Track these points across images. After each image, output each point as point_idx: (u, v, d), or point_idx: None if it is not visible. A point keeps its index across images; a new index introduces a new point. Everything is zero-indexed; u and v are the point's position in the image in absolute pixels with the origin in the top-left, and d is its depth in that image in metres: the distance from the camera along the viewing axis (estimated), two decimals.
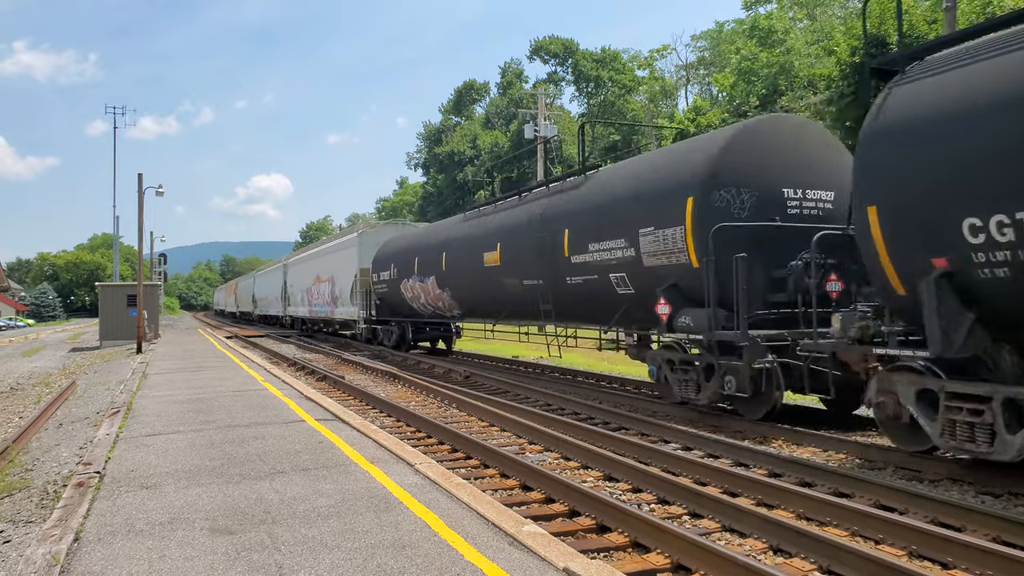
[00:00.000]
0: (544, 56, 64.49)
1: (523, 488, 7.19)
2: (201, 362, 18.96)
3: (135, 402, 11.33)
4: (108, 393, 14.17)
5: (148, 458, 7.29)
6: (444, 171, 62.65)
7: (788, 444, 8.86)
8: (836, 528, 5.77)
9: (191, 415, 9.93)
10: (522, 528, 4.92)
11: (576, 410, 11.78)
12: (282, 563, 4.37)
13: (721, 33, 56.27)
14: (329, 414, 9.84)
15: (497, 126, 62.74)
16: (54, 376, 20.88)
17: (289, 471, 6.61)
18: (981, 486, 6.86)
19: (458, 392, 13.21)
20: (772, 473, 7.53)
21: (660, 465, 7.84)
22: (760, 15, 43.43)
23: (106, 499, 5.81)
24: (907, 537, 5.34)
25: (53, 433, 10.68)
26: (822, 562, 5.00)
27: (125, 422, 9.47)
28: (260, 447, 7.70)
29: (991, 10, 23.01)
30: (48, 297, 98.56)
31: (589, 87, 62.69)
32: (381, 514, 5.28)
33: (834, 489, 6.83)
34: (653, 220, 10.83)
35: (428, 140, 68.70)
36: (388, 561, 4.37)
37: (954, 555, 5.02)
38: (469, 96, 70.14)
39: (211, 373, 15.80)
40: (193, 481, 6.32)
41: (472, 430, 10.29)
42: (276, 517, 5.26)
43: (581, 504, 6.30)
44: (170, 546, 4.70)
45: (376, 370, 18.14)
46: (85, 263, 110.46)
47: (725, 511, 6.00)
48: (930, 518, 5.89)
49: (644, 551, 5.40)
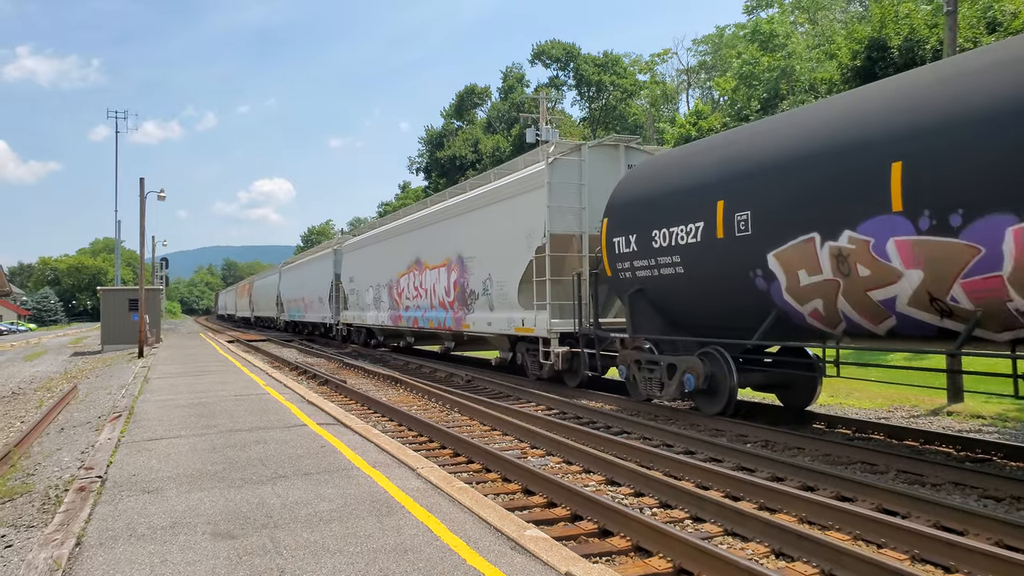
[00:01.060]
0: (546, 60, 64.56)
1: (525, 492, 7.18)
2: (203, 366, 18.97)
3: (137, 406, 11.34)
4: (110, 397, 14.18)
5: (150, 462, 7.29)
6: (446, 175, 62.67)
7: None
8: (838, 532, 5.76)
9: (193, 419, 9.93)
10: (524, 532, 4.92)
11: (578, 414, 11.77)
12: (284, 567, 4.37)
13: (722, 38, 56.36)
14: (331, 418, 9.84)
15: (499, 130, 62.78)
16: (56, 380, 20.90)
17: (291, 475, 6.62)
18: (984, 490, 6.85)
19: (460, 396, 13.21)
20: (774, 477, 7.52)
21: (662, 469, 7.84)
22: (761, 19, 43.51)
23: (108, 503, 5.81)
24: (909, 541, 5.33)
25: (55, 437, 10.69)
26: (824, 566, 4.99)
27: (127, 426, 9.48)
28: (262, 451, 7.70)
29: (991, 14, 23.03)
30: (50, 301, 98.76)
31: (591, 91, 62.76)
32: (383, 518, 5.28)
33: (836, 493, 6.82)
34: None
35: (430, 144, 68.76)
36: (390, 565, 4.37)
37: (956, 559, 5.01)
38: (471, 100, 70.22)
39: (213, 377, 15.80)
40: (195, 485, 6.32)
41: (474, 434, 10.28)
42: (278, 521, 5.26)
43: (583, 508, 6.30)
44: (172, 550, 4.70)
45: (377, 374, 18.13)
46: (87, 267, 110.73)
47: (727, 515, 5.99)
48: (932, 522, 5.88)
49: (646, 555, 5.39)
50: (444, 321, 18.97)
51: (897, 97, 7.78)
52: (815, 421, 10.69)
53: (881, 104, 7.93)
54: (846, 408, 12.29)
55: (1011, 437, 9.77)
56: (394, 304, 23.17)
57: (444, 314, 18.99)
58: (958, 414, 11.43)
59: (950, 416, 11.40)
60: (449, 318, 18.63)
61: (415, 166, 72.28)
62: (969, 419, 11.11)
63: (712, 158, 10.28)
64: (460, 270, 18.00)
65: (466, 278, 17.65)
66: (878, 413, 11.85)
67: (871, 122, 7.81)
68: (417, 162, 71.66)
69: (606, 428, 10.61)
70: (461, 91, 70.14)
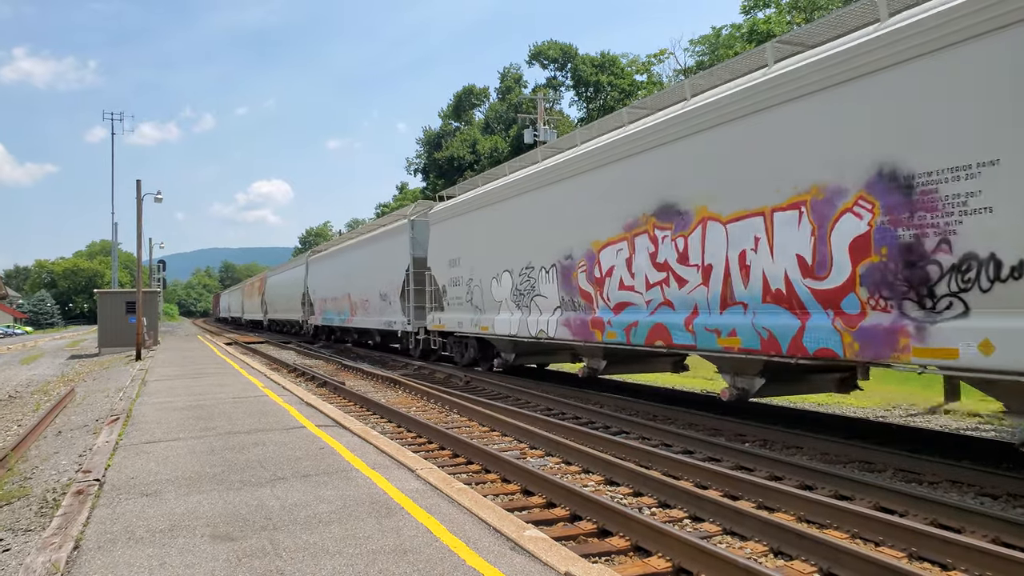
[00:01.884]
0: (543, 61, 64.61)
1: (524, 493, 7.19)
2: (201, 368, 18.95)
3: (134, 409, 11.32)
4: (107, 400, 14.16)
5: (148, 465, 7.28)
6: (444, 176, 62.64)
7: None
8: (836, 530, 5.78)
9: (191, 422, 9.92)
10: (524, 533, 4.93)
11: (577, 414, 11.78)
12: (283, 569, 4.37)
13: (719, 38, 56.40)
14: (330, 420, 9.84)
15: (497, 131, 62.79)
16: (53, 383, 20.86)
17: (290, 477, 6.61)
18: (980, 487, 6.88)
19: (459, 397, 13.21)
20: (773, 476, 7.53)
21: (661, 469, 7.85)
22: (758, 19, 43.56)
23: (106, 507, 5.80)
24: (907, 539, 5.34)
25: (52, 441, 10.67)
26: (822, 564, 5.01)
27: (124, 429, 9.47)
28: (261, 453, 7.70)
29: None
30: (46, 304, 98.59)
31: (588, 91, 62.81)
32: (382, 520, 5.28)
33: (834, 491, 6.84)
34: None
35: (428, 145, 68.73)
36: (390, 567, 4.37)
37: (954, 556, 5.03)
38: (469, 101, 70.21)
39: (211, 380, 15.79)
40: (194, 488, 6.32)
41: (473, 435, 10.29)
42: (277, 523, 5.25)
43: (582, 508, 6.30)
44: (171, 553, 4.70)
45: (376, 376, 18.12)
46: (83, 270, 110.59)
47: (726, 514, 6.00)
48: (929, 520, 5.90)
49: (645, 555, 5.40)
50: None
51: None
52: (814, 420, 10.70)
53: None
54: (844, 407, 12.33)
55: (1008, 435, 9.80)
56: (526, 303, 14.87)
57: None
58: (955, 412, 11.46)
59: (947, 415, 11.43)
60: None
61: (413, 167, 72.24)
62: (966, 417, 11.14)
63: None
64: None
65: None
66: (876, 412, 11.88)
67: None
68: (415, 163, 71.62)
69: (605, 428, 10.61)
70: (459, 92, 70.12)
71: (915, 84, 7.10)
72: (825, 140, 8.03)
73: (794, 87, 8.45)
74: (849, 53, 7.78)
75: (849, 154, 7.76)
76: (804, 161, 8.32)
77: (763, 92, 8.90)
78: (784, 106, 8.62)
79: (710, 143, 9.74)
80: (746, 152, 9.13)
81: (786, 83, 8.57)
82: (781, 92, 8.65)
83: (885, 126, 7.39)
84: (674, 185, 10.43)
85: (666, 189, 10.57)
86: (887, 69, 7.37)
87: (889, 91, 7.35)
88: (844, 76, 7.82)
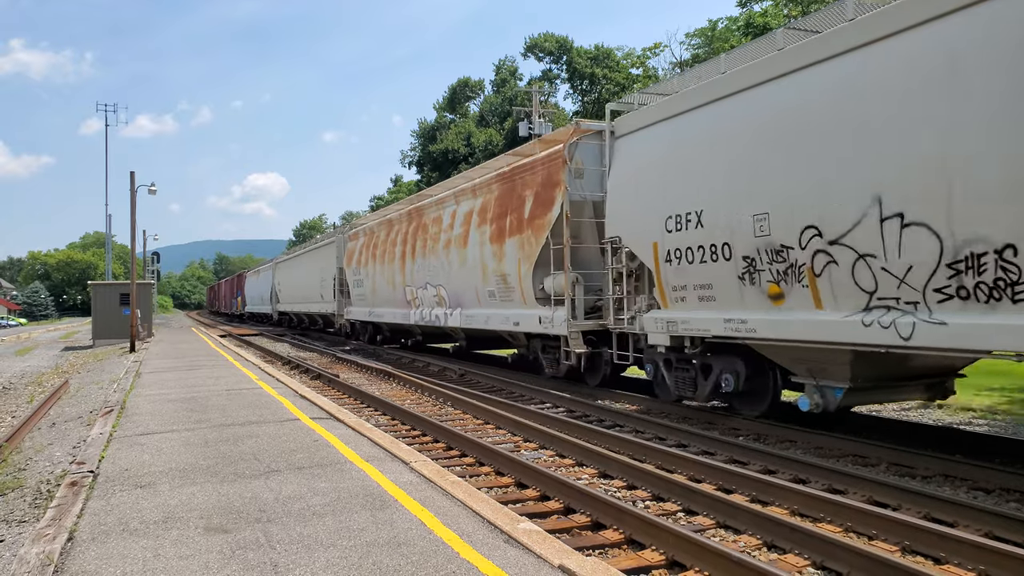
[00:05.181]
0: (538, 54, 64.41)
1: (518, 486, 7.20)
2: (195, 361, 18.91)
3: (129, 401, 11.29)
4: (101, 392, 14.12)
5: (142, 457, 7.26)
6: (438, 169, 62.50)
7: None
8: (830, 524, 5.80)
9: (185, 414, 9.90)
10: (517, 526, 4.93)
11: (571, 407, 11.79)
12: (277, 561, 4.36)
13: (715, 31, 56.28)
14: (324, 412, 9.83)
15: (492, 124, 62.67)
16: (47, 375, 20.80)
17: (284, 470, 6.61)
18: (974, 482, 6.91)
19: (453, 390, 13.20)
20: (766, 470, 7.55)
21: (654, 462, 7.86)
22: (754, 12, 43.48)
23: (100, 498, 5.79)
24: (900, 532, 5.37)
25: (46, 432, 10.64)
26: (816, 558, 5.03)
27: (119, 421, 9.44)
28: (255, 446, 7.68)
29: None
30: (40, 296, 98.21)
31: (583, 84, 62.67)
32: (376, 512, 5.28)
33: (828, 485, 6.86)
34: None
35: (423, 137, 68.53)
36: (383, 559, 4.37)
37: (947, 550, 5.06)
38: (464, 93, 70.00)
39: (205, 372, 15.75)
40: (187, 480, 6.31)
41: (467, 428, 10.29)
42: (271, 515, 5.25)
43: (576, 501, 6.31)
44: (164, 545, 4.69)
45: (371, 368, 18.11)
46: (77, 262, 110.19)
47: (719, 507, 6.02)
48: (923, 514, 5.93)
49: (639, 548, 5.41)
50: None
51: None
52: (807, 414, 10.72)
53: None
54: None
55: (1001, 430, 9.84)
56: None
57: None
58: (949, 407, 11.50)
59: (940, 409, 11.47)
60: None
61: (407, 160, 72.06)
62: (959, 412, 11.18)
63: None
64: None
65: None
66: (870, 406, 11.90)
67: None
68: (409, 156, 71.44)
69: (599, 422, 10.63)
70: (454, 84, 69.91)
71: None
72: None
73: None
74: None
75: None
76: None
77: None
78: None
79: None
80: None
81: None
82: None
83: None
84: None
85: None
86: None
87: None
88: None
